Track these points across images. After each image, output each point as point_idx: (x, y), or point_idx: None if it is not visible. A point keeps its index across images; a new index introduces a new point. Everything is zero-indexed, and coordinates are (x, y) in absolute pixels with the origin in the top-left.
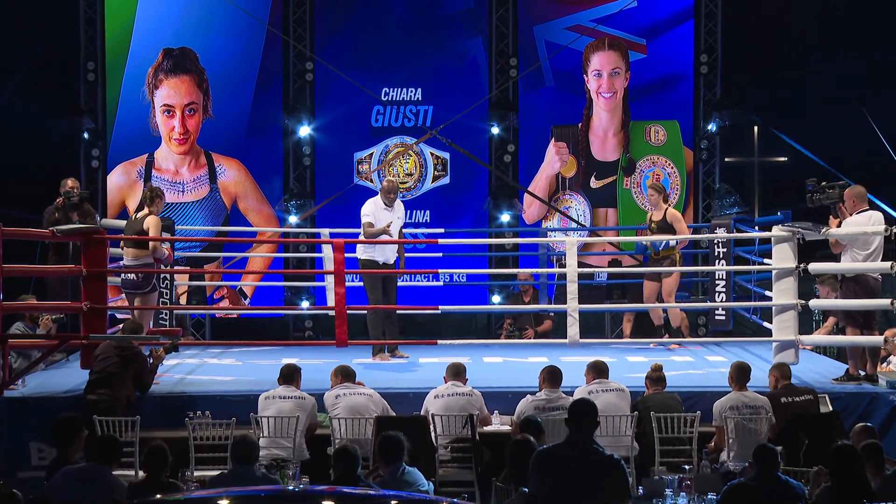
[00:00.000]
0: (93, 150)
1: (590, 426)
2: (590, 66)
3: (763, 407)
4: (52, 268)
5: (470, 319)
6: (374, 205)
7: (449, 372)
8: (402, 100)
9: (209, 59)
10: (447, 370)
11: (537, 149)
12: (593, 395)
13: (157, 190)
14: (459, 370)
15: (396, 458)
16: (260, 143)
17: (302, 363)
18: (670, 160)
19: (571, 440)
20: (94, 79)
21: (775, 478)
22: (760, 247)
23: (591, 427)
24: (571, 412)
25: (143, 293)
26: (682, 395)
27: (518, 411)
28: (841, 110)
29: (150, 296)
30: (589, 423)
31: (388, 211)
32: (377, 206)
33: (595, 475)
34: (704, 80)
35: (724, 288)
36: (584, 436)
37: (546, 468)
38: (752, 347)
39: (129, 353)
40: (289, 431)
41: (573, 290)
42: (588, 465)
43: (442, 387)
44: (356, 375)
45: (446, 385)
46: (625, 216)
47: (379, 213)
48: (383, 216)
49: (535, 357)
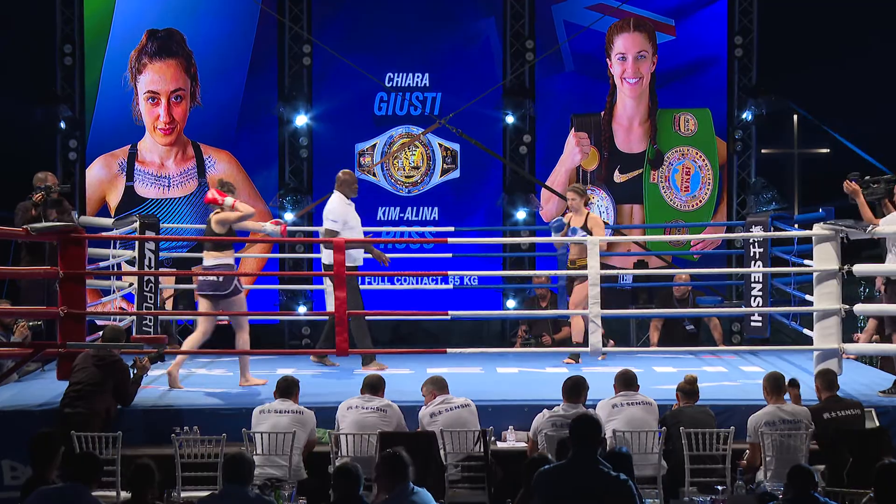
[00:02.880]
0: (70, 141)
1: (593, 443)
2: (613, 48)
3: (802, 421)
4: (25, 270)
5: (482, 326)
6: (341, 204)
7: (436, 386)
8: (408, 86)
9: (197, 41)
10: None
11: (556, 140)
12: (617, 408)
13: (230, 185)
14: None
15: (403, 478)
16: (253, 133)
17: (298, 374)
18: (701, 152)
19: (575, 459)
20: (71, 63)
21: (812, 499)
22: (800, 246)
23: (594, 444)
24: (573, 428)
25: (224, 295)
26: (714, 408)
27: (533, 427)
28: (888, 98)
29: (235, 299)
30: (592, 440)
31: (352, 207)
32: (344, 204)
33: (600, 497)
34: (739, 64)
35: (761, 292)
36: (588, 454)
37: (548, 489)
38: (792, 357)
39: (108, 363)
40: (285, 449)
41: (595, 293)
42: (592, 487)
43: (435, 402)
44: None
45: (438, 400)
46: (652, 213)
47: (350, 214)
48: (353, 216)
49: (553, 367)
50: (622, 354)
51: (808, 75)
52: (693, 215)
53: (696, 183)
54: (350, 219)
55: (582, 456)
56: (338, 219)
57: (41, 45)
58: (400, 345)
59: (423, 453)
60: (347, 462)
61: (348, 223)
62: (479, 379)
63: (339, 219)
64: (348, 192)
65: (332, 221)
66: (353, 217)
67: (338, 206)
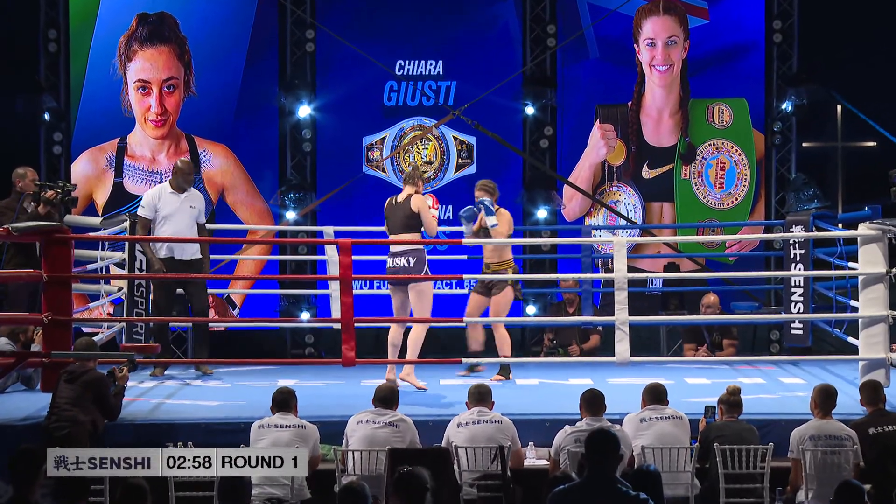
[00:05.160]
0: (55, 134)
1: (611, 461)
2: (641, 33)
3: (848, 437)
4: (6, 273)
5: None
6: (158, 193)
7: (472, 396)
8: (420, 74)
9: (191, 26)
10: (469, 394)
11: (579, 132)
12: (646, 423)
13: (417, 170)
14: (484, 394)
15: (420, 500)
16: (251, 125)
17: (301, 386)
18: (737, 145)
19: (591, 478)
20: (55, 49)
21: None
22: (844, 248)
23: (612, 461)
24: (588, 445)
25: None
26: (752, 422)
27: (555, 444)
28: None
29: (428, 286)
30: (609, 457)
31: (178, 197)
32: (162, 193)
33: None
34: (778, 51)
35: (802, 297)
36: (605, 473)
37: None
38: (835, 367)
39: (79, 378)
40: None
41: (622, 299)
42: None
43: (465, 413)
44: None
45: (470, 412)
46: (683, 212)
47: (164, 201)
48: (168, 204)
49: (577, 378)
50: (651, 365)
51: (853, 63)
52: (728, 214)
53: (731, 179)
54: (162, 209)
55: (598, 475)
56: (145, 204)
57: (23, 30)
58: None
59: (437, 471)
60: (354, 481)
61: (161, 214)
62: (496, 391)
63: (145, 204)
64: (175, 181)
65: (141, 206)
66: (167, 207)
67: (148, 195)
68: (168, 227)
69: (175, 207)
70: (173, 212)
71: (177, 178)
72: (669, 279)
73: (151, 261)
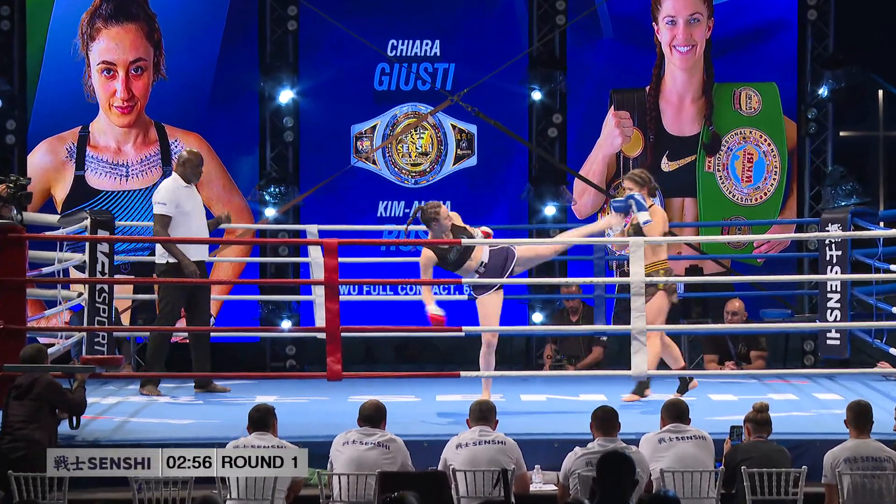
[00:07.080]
0: (8, 122)
1: (626, 486)
2: (661, 11)
3: (889, 459)
4: None
5: (504, 344)
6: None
7: (473, 414)
8: (415, 55)
9: (162, 2)
10: (471, 411)
11: (592, 120)
12: (665, 444)
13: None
14: (487, 411)
15: None
16: (228, 112)
17: (282, 402)
18: (767, 135)
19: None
20: (8, 28)
21: None
22: (886, 249)
23: (628, 487)
24: (599, 468)
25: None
26: (783, 444)
27: (564, 468)
28: None
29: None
30: (625, 482)
31: (192, 191)
32: (178, 186)
33: None
34: (812, 30)
35: (839, 303)
36: (619, 499)
37: None
38: (875, 381)
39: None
40: (265, 492)
41: (639, 305)
42: None
43: (465, 433)
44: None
45: (471, 431)
46: (707, 208)
47: (181, 196)
48: (188, 199)
49: (588, 395)
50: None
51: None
52: (757, 211)
53: (760, 172)
54: (183, 207)
55: (612, 502)
56: (165, 201)
57: None
58: (405, 366)
59: (432, 497)
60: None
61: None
62: (499, 408)
63: (166, 201)
64: (188, 173)
65: (159, 204)
66: (186, 204)
67: (164, 189)
68: (191, 224)
69: (194, 203)
70: (193, 208)
71: (185, 169)
72: (691, 283)
73: (184, 263)
